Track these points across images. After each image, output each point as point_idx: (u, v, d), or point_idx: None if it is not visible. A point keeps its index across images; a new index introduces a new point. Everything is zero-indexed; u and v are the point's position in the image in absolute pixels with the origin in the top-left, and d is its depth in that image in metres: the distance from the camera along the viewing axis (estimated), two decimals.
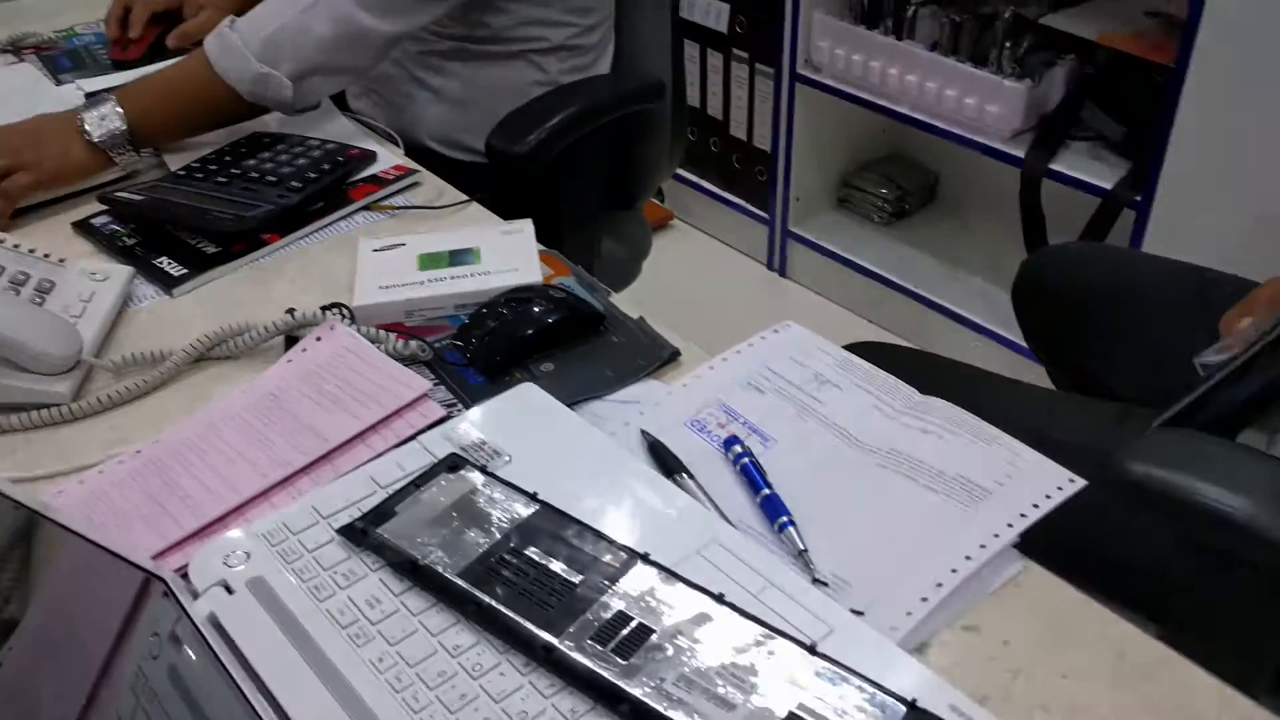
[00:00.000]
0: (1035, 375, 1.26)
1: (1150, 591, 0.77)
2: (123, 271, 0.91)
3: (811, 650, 0.56)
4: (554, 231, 1.05)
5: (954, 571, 0.63)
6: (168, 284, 0.93)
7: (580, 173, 1.30)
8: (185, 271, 0.94)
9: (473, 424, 0.72)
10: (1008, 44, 1.76)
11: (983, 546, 0.64)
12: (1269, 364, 0.83)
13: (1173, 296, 1.10)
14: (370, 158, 1.09)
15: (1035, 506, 0.66)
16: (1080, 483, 0.68)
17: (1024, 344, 1.29)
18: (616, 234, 1.47)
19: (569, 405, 0.75)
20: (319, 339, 0.82)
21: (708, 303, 2.16)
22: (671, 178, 2.45)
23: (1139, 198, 1.63)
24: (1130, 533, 0.84)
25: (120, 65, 1.34)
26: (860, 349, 0.89)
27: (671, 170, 1.59)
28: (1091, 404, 1.03)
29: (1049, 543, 0.67)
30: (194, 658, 0.59)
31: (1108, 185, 1.68)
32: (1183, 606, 0.77)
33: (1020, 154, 1.78)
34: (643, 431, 0.74)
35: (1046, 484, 0.68)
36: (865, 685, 0.54)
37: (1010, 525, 0.65)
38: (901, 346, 1.16)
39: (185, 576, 0.64)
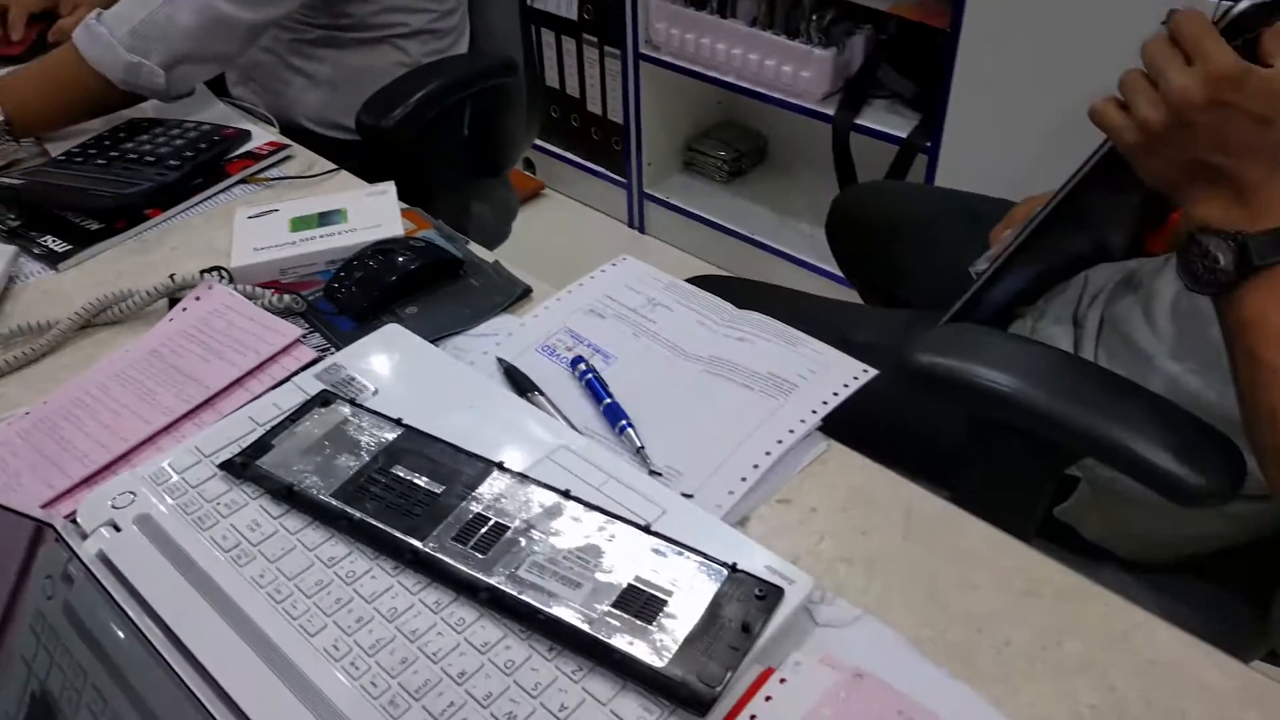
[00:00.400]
0: (853, 300, 1.28)
1: (940, 462, 0.78)
2: (5, 250, 0.84)
3: (647, 530, 0.55)
4: (425, 198, 1.01)
5: (768, 454, 0.63)
6: (53, 260, 0.86)
7: (445, 143, 1.25)
8: (70, 248, 0.87)
9: (341, 363, 0.69)
10: (814, 17, 1.76)
11: (791, 431, 0.64)
12: (1024, 262, 0.85)
13: (953, 220, 1.12)
14: (245, 136, 1.02)
15: (835, 395, 0.67)
16: (872, 372, 0.69)
17: (841, 273, 1.30)
18: (485, 198, 1.43)
19: (432, 341, 0.73)
20: (198, 299, 0.76)
21: (579, 260, 2.11)
22: (539, 151, 2.41)
23: (929, 143, 1.66)
24: (921, 414, 0.86)
25: (4, 61, 1.22)
26: (700, 281, 0.89)
27: (530, 141, 1.55)
28: (889, 312, 1.05)
29: (855, 427, 0.67)
30: (85, 593, 0.55)
31: (903, 134, 1.71)
32: (966, 472, 0.79)
33: (831, 112, 1.79)
34: (498, 359, 0.71)
35: (844, 375, 0.68)
36: (693, 555, 0.54)
37: (814, 412, 0.65)
38: (735, 277, 1.16)
39: (76, 522, 0.59)
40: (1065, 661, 0.53)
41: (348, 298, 0.78)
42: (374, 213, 0.86)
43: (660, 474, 0.62)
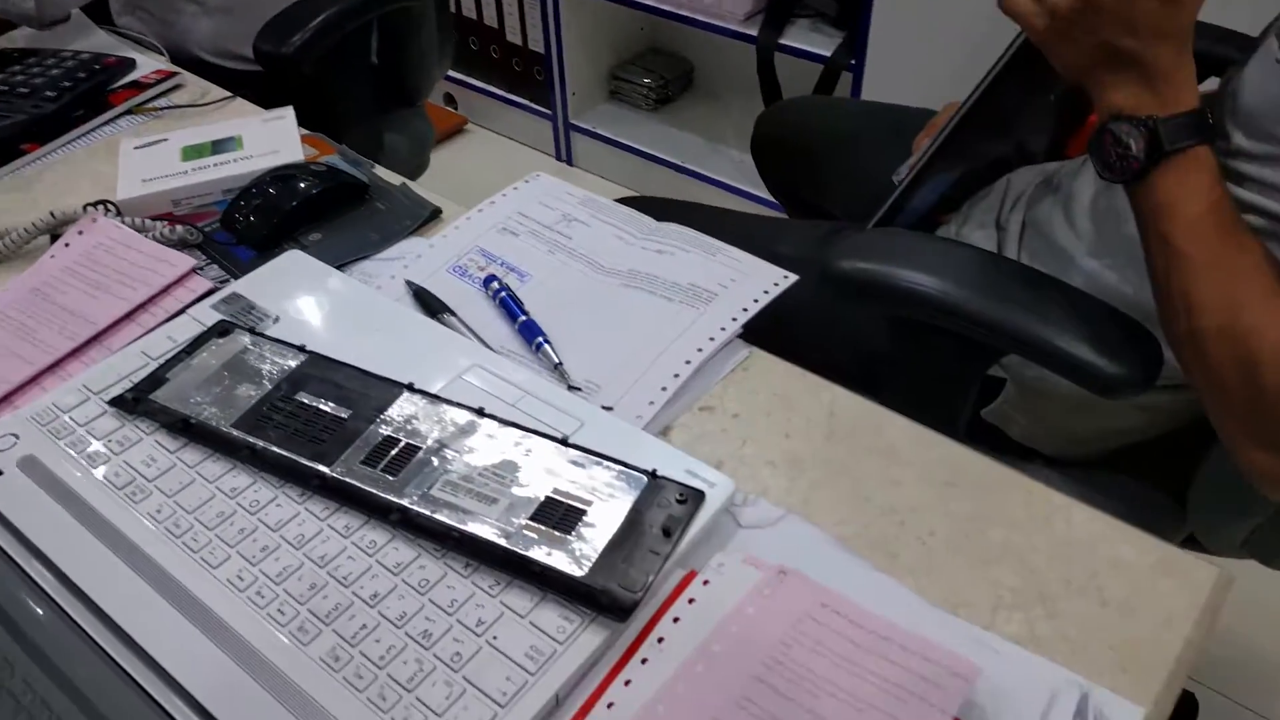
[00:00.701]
0: None
1: (866, 370, 0.78)
2: None
3: (564, 443, 0.54)
4: (335, 130, 0.96)
5: (688, 363, 0.61)
6: None
7: (352, 71, 1.19)
8: None
9: (240, 292, 0.66)
10: None
11: (711, 339, 0.63)
12: (944, 167, 0.85)
13: (877, 132, 1.11)
14: (129, 65, 0.96)
15: (755, 301, 0.66)
16: (792, 278, 0.68)
17: (771, 197, 1.29)
18: (399, 130, 1.38)
19: (338, 267, 0.69)
20: (81, 233, 0.72)
21: None
22: (459, 85, 2.33)
23: (853, 61, 1.64)
24: (845, 323, 0.85)
25: None
26: (628, 201, 0.86)
27: (444, 69, 1.49)
28: (813, 224, 1.04)
29: (780, 338, 0.66)
30: None
31: (827, 53, 1.69)
32: (890, 375, 0.79)
33: (754, 33, 1.76)
34: (407, 281, 0.69)
35: (764, 282, 0.67)
36: (612, 465, 0.53)
37: (734, 319, 0.64)
38: (657, 197, 1.14)
39: None
40: (988, 549, 0.53)
41: (246, 226, 0.74)
42: (272, 139, 0.82)
43: (579, 389, 0.60)
